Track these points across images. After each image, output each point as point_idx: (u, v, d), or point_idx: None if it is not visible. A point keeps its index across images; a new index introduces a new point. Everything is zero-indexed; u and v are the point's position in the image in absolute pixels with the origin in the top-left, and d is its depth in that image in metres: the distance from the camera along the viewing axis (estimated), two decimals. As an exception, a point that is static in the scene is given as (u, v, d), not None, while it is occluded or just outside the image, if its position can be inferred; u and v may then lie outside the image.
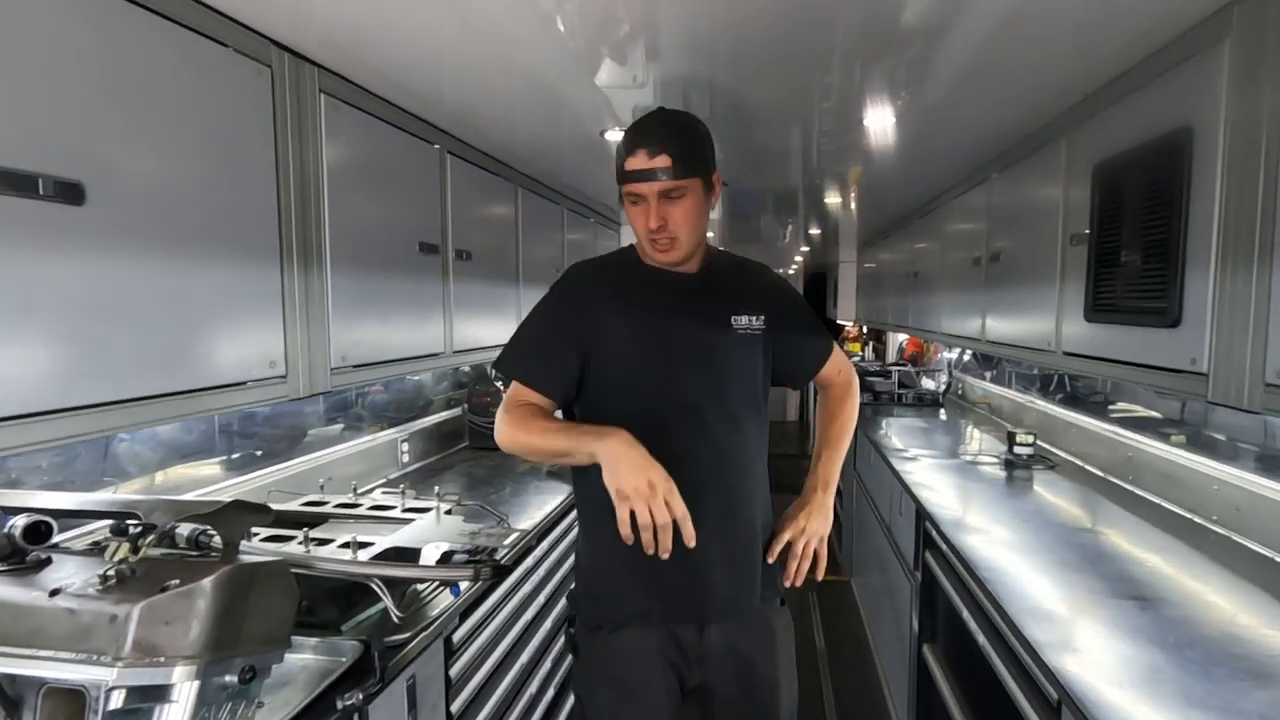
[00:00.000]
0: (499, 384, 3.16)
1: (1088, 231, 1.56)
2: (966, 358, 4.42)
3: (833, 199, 3.57)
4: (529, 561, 1.87)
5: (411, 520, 1.46)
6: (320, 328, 1.45)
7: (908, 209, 3.69)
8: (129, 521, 0.94)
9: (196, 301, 1.16)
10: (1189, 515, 1.96)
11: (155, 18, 1.07)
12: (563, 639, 2.19)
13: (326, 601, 1.27)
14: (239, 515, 1.03)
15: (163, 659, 0.82)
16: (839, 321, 7.19)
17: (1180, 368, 1.26)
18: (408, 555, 1.27)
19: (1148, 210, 1.34)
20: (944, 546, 1.93)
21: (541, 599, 2.00)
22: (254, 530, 1.32)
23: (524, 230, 2.59)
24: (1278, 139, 1.03)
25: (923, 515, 2.20)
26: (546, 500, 2.19)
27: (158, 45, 1.08)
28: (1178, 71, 1.28)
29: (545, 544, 2.02)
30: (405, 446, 2.54)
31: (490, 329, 2.34)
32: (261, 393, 1.28)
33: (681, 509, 1.03)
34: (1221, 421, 2.00)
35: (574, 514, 2.34)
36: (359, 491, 1.79)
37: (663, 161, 1.15)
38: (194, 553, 1.00)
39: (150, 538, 0.94)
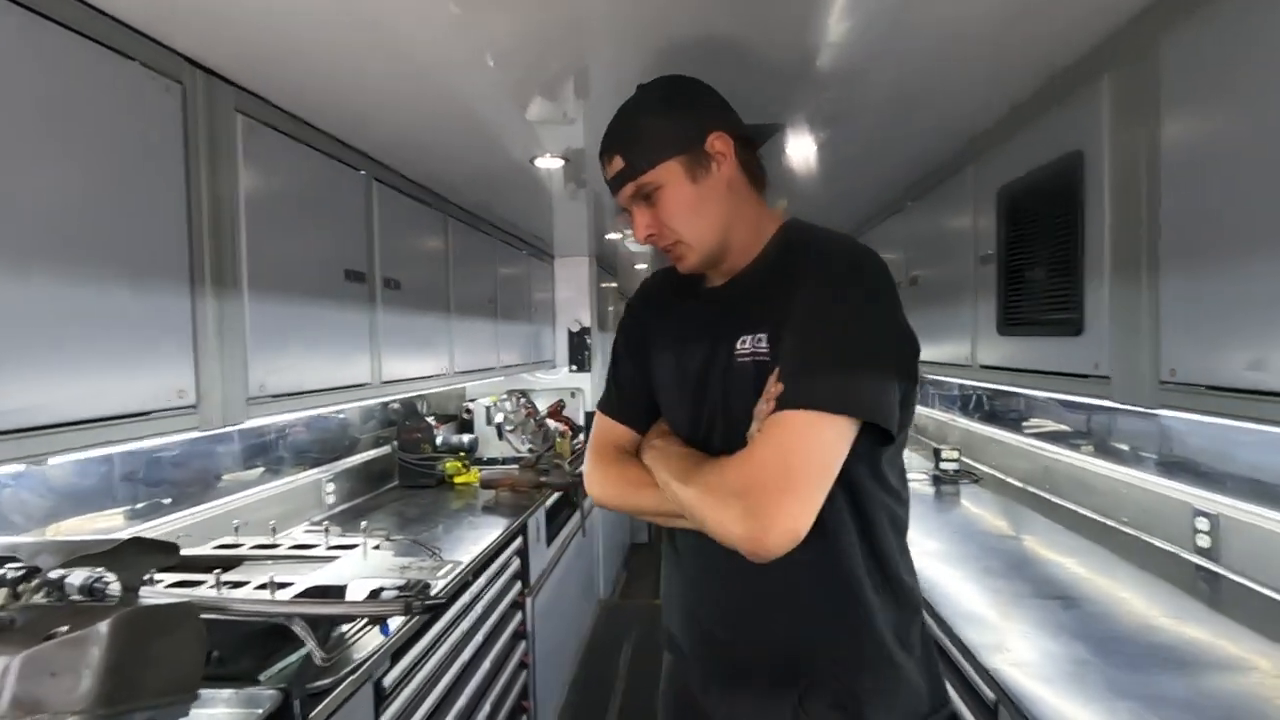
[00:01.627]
0: (430, 418, 3.07)
1: (994, 252, 1.67)
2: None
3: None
4: (465, 598, 1.79)
5: (336, 558, 1.38)
6: (236, 356, 1.37)
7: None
8: (9, 565, 0.85)
9: (95, 326, 1.08)
10: (1102, 519, 2.07)
11: (52, 25, 1.01)
12: (520, 682, 2.10)
13: (241, 649, 1.17)
14: (139, 555, 0.95)
15: (47, 716, 0.73)
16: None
17: (1085, 372, 1.34)
18: (332, 593, 1.20)
19: (1048, 229, 1.44)
20: (880, 561, 1.96)
21: (479, 638, 1.91)
22: (156, 576, 1.21)
23: (454, 262, 2.55)
24: (1154, 160, 1.13)
25: (859, 532, 2.23)
26: (483, 535, 2.12)
27: (54, 55, 1.02)
28: (1067, 102, 1.39)
29: (482, 579, 1.94)
30: (330, 487, 2.42)
31: (421, 362, 2.28)
32: (170, 424, 1.19)
33: None
34: (1124, 430, 2.14)
35: (513, 546, 2.28)
36: (278, 532, 1.67)
37: (616, 165, 0.97)
38: (86, 600, 0.91)
39: (34, 582, 0.85)
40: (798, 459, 0.79)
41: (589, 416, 4.00)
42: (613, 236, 3.64)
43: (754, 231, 0.98)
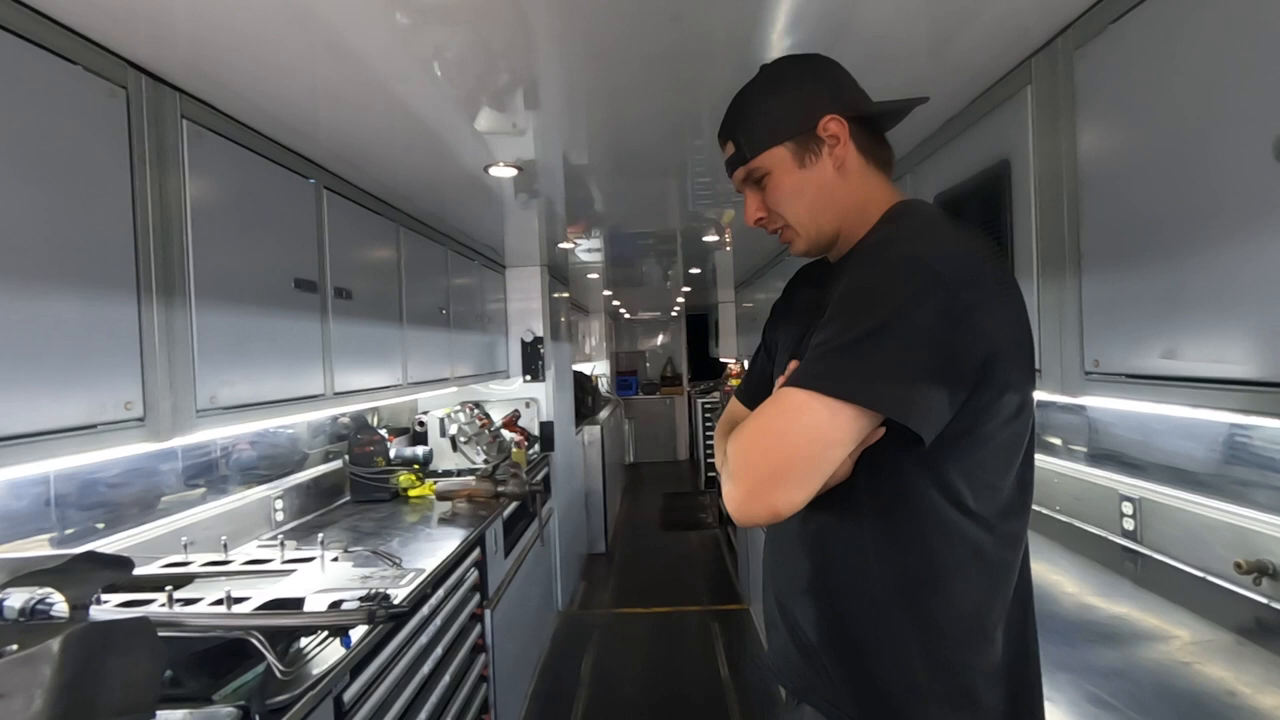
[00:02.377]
0: (382, 430, 3.01)
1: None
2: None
3: (710, 239, 3.77)
4: (424, 610, 1.77)
5: (293, 571, 1.35)
6: (184, 367, 1.33)
7: (779, 247, 3.96)
8: (-50, 585, 0.82)
9: (35, 336, 1.04)
10: (1038, 508, 2.19)
11: (-11, 28, 0.98)
12: (480, 696, 2.07)
13: (195, 668, 1.13)
14: (90, 570, 0.92)
15: (-4, 739, 0.71)
16: (722, 359, 7.47)
17: (1019, 367, 1.43)
18: (291, 606, 1.17)
19: (983, 231, 1.54)
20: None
21: (439, 651, 1.89)
22: (103, 596, 1.16)
23: (407, 271, 2.53)
24: (1074, 167, 1.22)
25: (813, 530, 2.30)
26: (440, 547, 2.09)
27: (-8, 57, 0.99)
28: (996, 113, 1.49)
29: (441, 591, 1.92)
30: (279, 504, 2.35)
31: (374, 372, 2.24)
32: (116, 437, 1.15)
33: None
34: (1056, 424, 2.27)
35: (470, 558, 2.26)
36: (229, 549, 1.62)
37: (729, 150, 0.98)
38: (29, 620, 0.88)
39: (-23, 602, 0.81)
40: (773, 437, 0.78)
41: (545, 426, 3.99)
42: (565, 246, 3.66)
43: (864, 214, 0.93)
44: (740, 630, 3.75)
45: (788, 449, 0.77)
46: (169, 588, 1.17)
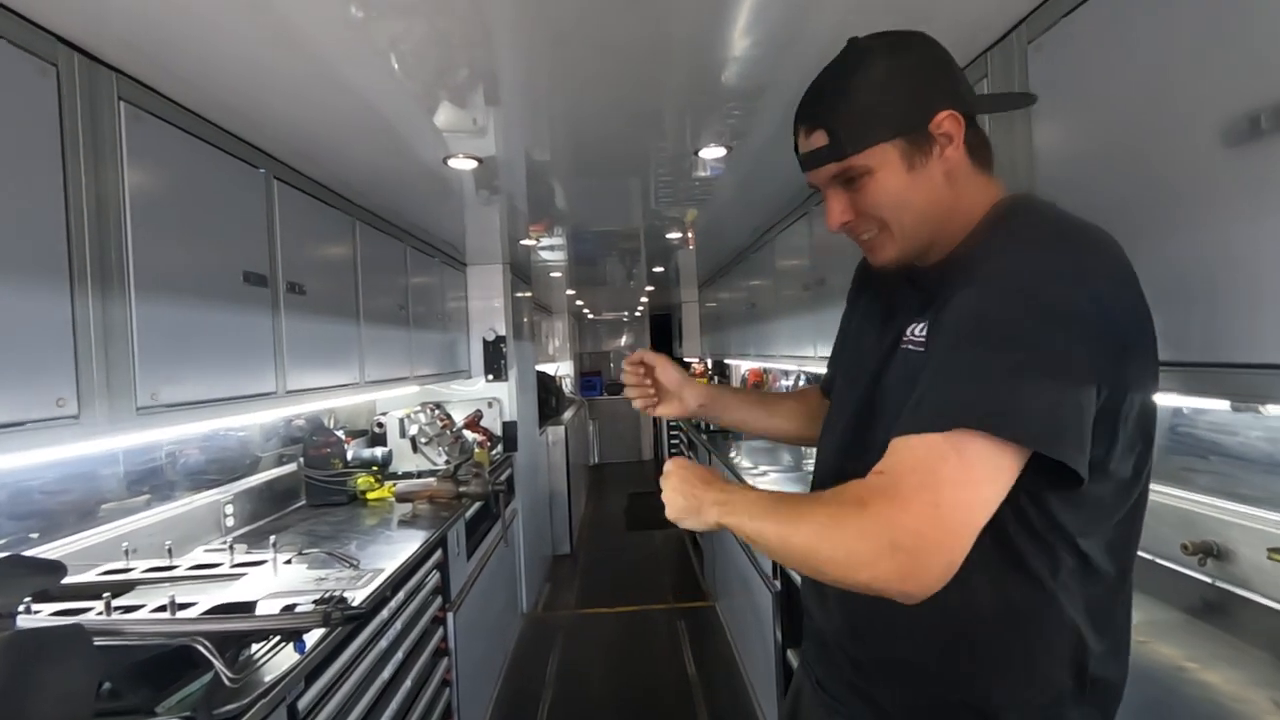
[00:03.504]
0: (339, 432, 2.93)
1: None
2: (801, 383, 4.78)
3: (673, 238, 3.77)
4: (384, 613, 1.72)
5: (243, 575, 1.29)
6: (123, 362, 1.26)
7: (742, 245, 3.98)
8: None
9: (-44, 329, 0.97)
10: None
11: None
12: (443, 701, 2.02)
13: (138, 678, 1.07)
14: (15, 576, 0.86)
15: (-91, 757, 0.65)
16: (686, 359, 7.49)
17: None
18: (241, 611, 1.12)
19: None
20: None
21: (399, 656, 1.83)
22: (34, 606, 1.09)
23: (364, 267, 2.46)
24: (1030, 159, 1.25)
25: (777, 524, 2.31)
26: (400, 549, 2.04)
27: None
28: (951, 109, 1.51)
29: (401, 594, 1.87)
30: (230, 509, 2.26)
31: (329, 371, 2.17)
32: (48, 435, 1.08)
33: None
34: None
35: (432, 560, 2.20)
36: (174, 555, 1.55)
37: (818, 140, 0.82)
38: (-48, 630, 0.82)
39: (-112, 611, 0.75)
40: (946, 490, 0.67)
41: (508, 427, 3.93)
42: (527, 243, 3.62)
43: (967, 216, 0.83)
44: (707, 627, 3.75)
45: (965, 501, 0.67)
46: (107, 595, 1.10)
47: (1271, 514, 1.26)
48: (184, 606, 1.08)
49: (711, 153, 2.12)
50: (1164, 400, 1.39)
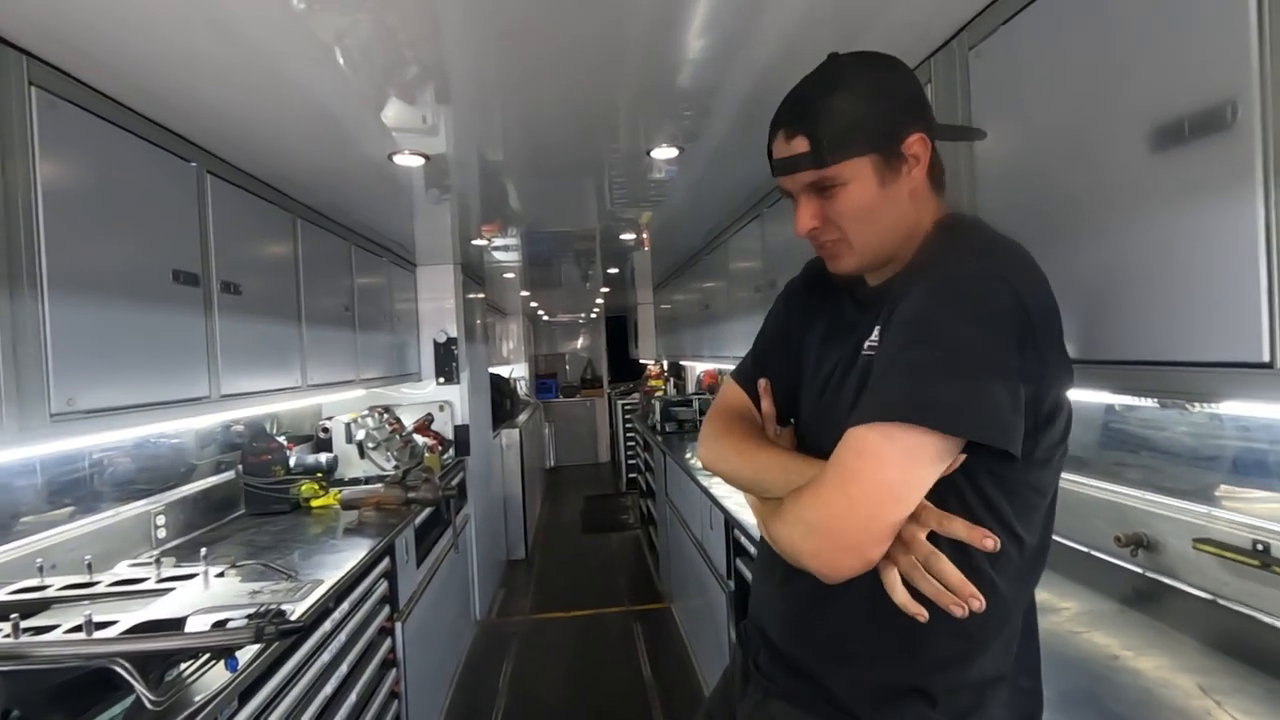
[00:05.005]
0: (281, 438, 2.82)
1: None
2: (756, 384, 4.83)
3: (628, 239, 3.76)
4: (327, 625, 1.65)
5: (170, 590, 1.22)
6: (33, 366, 1.18)
7: (696, 247, 4.00)
8: None
9: None
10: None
11: None
12: (391, 714, 1.95)
13: (50, 704, 1.00)
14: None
15: None
16: (642, 361, 7.50)
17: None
18: (167, 628, 1.06)
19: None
20: (751, 548, 2.05)
21: (344, 669, 1.77)
22: (-67, 630, 1.01)
23: (306, 267, 2.37)
24: (971, 162, 1.27)
25: (731, 524, 2.32)
26: (345, 558, 1.97)
27: None
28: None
29: (345, 605, 1.80)
30: (161, 520, 2.14)
31: (268, 375, 2.09)
32: (-55, 444, 1.00)
33: None
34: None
35: (379, 568, 2.13)
36: (95, 570, 1.45)
37: (799, 146, 0.85)
38: None
39: None
40: (865, 484, 0.73)
41: (460, 430, 3.85)
42: (479, 243, 3.56)
43: (919, 235, 0.88)
44: (662, 629, 3.75)
45: (877, 491, 0.72)
46: (15, 616, 1.03)
47: (1196, 506, 1.32)
48: (102, 625, 1.01)
49: (664, 154, 2.12)
50: (1096, 397, 1.44)
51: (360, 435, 3.05)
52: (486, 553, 4.19)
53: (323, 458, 2.83)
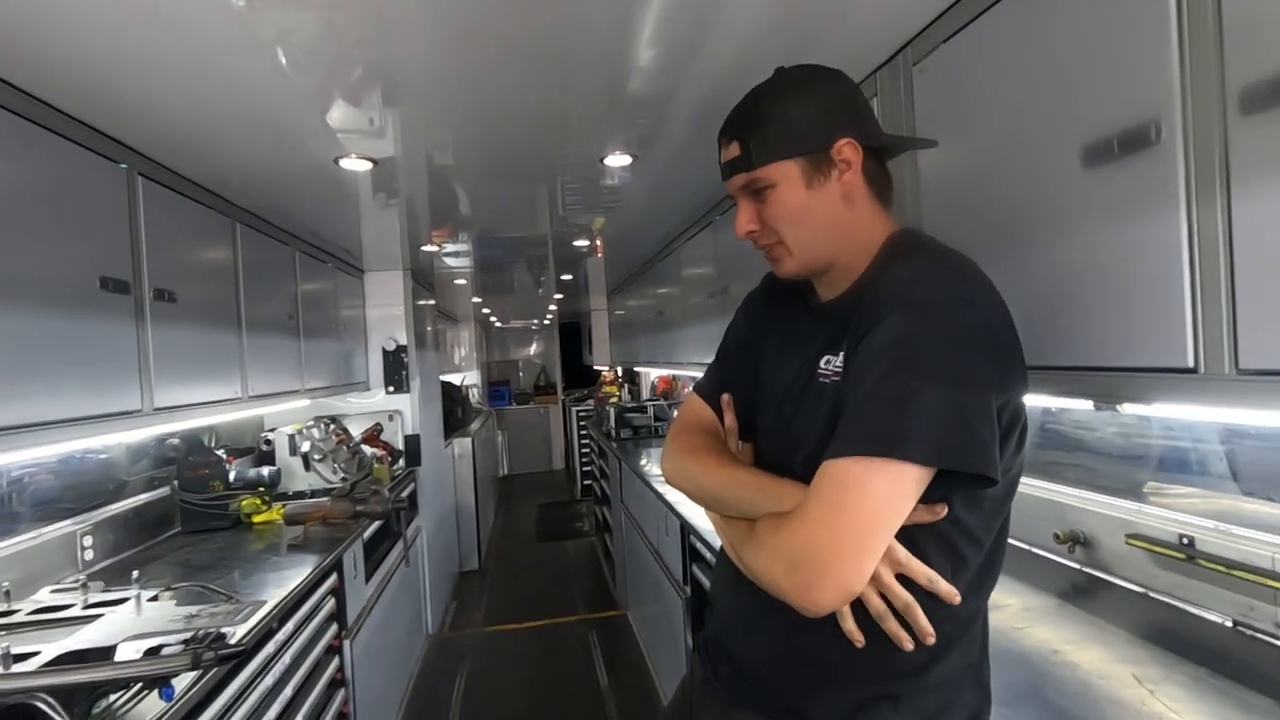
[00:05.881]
0: (220, 451, 2.70)
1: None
2: (709, 389, 4.86)
3: (581, 245, 3.75)
4: (270, 647, 1.58)
5: (98, 616, 1.15)
6: (-55, 380, 1.10)
7: (650, 254, 4.01)
8: None
9: None
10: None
11: None
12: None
13: (-39, 746, 0.93)
14: None
15: None
16: (596, 367, 7.47)
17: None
18: (95, 658, 0.99)
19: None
20: (707, 554, 2.06)
21: (289, 692, 1.70)
22: None
23: (246, 273, 2.28)
24: (915, 174, 1.31)
25: (687, 530, 2.33)
26: (289, 577, 1.89)
27: None
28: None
29: (290, 625, 1.73)
30: (88, 540, 2.02)
31: (205, 386, 2.00)
32: None
33: None
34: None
35: (325, 585, 2.06)
36: (14, 598, 1.36)
37: (731, 151, 0.90)
38: None
39: None
40: (845, 516, 0.73)
41: (410, 440, 3.76)
42: (430, 248, 3.49)
43: (864, 246, 0.90)
44: (619, 637, 3.73)
45: (861, 525, 0.73)
46: (-78, 651, 0.95)
47: (1128, 503, 1.38)
48: (22, 658, 0.94)
49: (618, 160, 2.11)
50: (1035, 401, 1.49)
51: (305, 447, 2.95)
52: (439, 564, 4.10)
53: (265, 471, 2.72)
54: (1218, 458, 1.29)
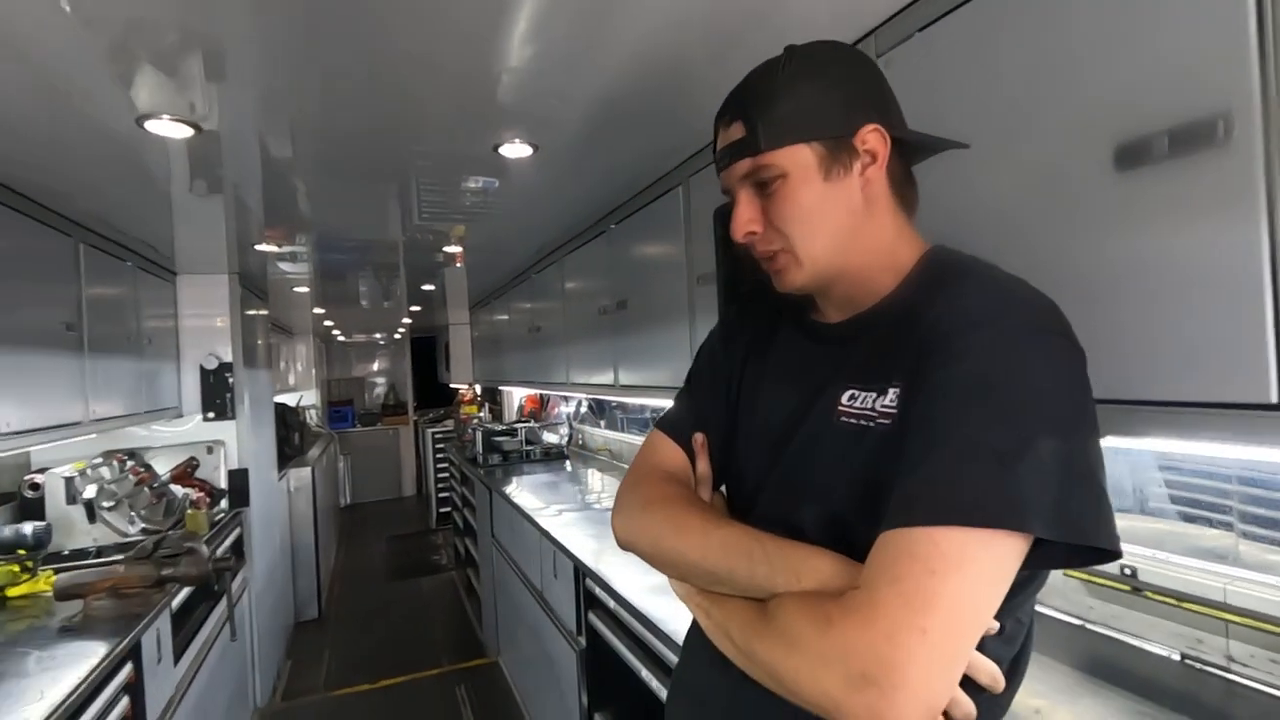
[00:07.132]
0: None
1: (714, 271, 1.67)
2: (583, 409, 4.64)
3: (441, 253, 3.38)
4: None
5: None
6: None
7: (522, 265, 3.72)
8: None
9: None
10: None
11: None
12: None
13: None
14: None
15: None
16: (453, 385, 6.97)
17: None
18: None
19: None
20: (611, 603, 1.82)
21: None
22: None
23: (1, 268, 1.72)
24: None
25: (582, 573, 2.07)
26: (56, 680, 1.40)
27: None
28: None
29: (57, 754, 1.25)
30: None
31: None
32: None
33: None
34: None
35: (116, 682, 1.56)
36: None
37: (734, 133, 0.74)
38: None
39: None
40: (941, 614, 0.54)
41: (235, 476, 3.15)
42: (263, 248, 2.95)
43: (886, 259, 0.74)
44: (494, 688, 3.35)
45: (960, 622, 0.55)
46: None
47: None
48: None
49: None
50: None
51: (90, 492, 2.32)
52: (270, 619, 3.47)
53: (27, 528, 2.09)
54: (1156, 484, 1.28)
